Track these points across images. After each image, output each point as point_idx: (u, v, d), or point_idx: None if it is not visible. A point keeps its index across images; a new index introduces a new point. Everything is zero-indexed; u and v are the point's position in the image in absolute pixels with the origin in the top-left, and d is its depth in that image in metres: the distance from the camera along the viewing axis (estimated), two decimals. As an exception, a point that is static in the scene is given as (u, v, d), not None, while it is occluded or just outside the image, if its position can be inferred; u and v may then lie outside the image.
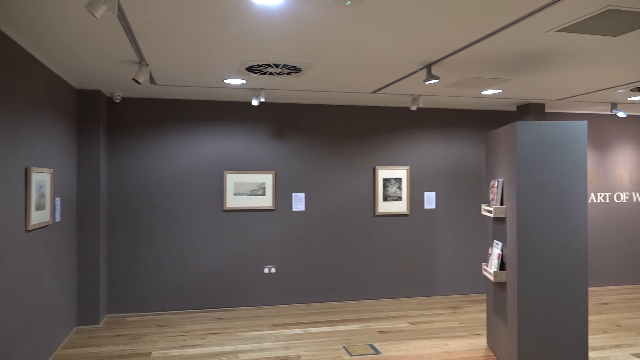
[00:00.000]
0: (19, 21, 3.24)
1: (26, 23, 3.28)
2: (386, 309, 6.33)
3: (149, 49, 3.93)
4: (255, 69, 4.60)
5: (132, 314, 6.04)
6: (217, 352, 4.78)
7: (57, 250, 4.75)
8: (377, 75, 4.91)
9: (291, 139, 6.53)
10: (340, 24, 3.29)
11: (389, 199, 6.77)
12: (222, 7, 2.98)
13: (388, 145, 6.83)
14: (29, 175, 3.89)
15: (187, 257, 6.23)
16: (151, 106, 6.14)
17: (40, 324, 4.27)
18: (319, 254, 6.60)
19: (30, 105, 3.97)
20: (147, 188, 6.12)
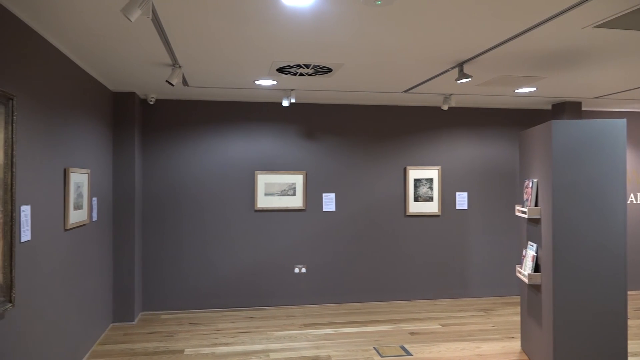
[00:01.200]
0: (58, 26, 3.34)
1: (64, 28, 3.38)
2: (417, 310, 6.27)
3: (181, 52, 4.00)
4: (285, 70, 4.63)
5: (166, 312, 6.16)
6: (248, 350, 4.82)
7: (94, 249, 4.88)
8: (408, 75, 4.87)
9: (321, 139, 6.54)
10: (371, 23, 3.28)
11: (420, 200, 6.71)
12: (254, 8, 3.01)
13: (419, 145, 6.77)
14: (68, 176, 4.00)
15: (219, 256, 6.31)
16: (184, 108, 6.24)
17: (79, 320, 4.39)
18: (349, 254, 6.59)
19: (69, 107, 4.09)
20: (179, 188, 6.22)
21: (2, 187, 2.82)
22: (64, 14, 3.10)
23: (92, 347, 4.87)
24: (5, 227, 2.86)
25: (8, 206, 2.87)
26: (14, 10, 2.99)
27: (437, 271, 6.78)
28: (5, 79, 2.91)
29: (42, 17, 3.14)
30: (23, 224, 3.15)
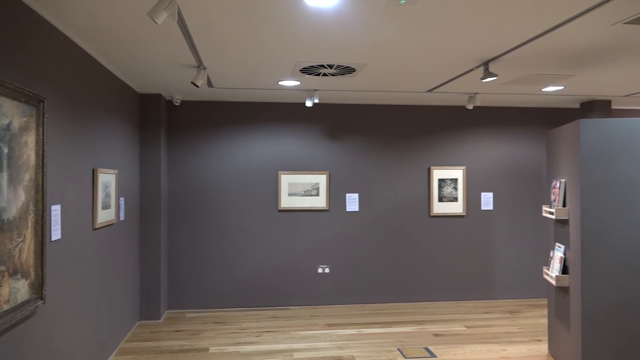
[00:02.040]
0: (87, 30, 3.41)
1: (93, 32, 3.45)
2: (441, 311, 6.22)
3: (206, 53, 4.04)
4: (309, 70, 4.64)
5: (191, 311, 6.23)
6: (272, 350, 4.85)
7: (122, 248, 4.97)
8: (432, 74, 4.83)
9: (345, 139, 6.54)
10: (394, 22, 3.27)
11: (444, 200, 6.65)
12: (277, 10, 3.02)
13: (443, 145, 6.71)
14: (96, 176, 4.09)
15: (243, 256, 6.36)
16: (208, 108, 6.31)
17: (107, 318, 4.48)
18: (372, 254, 6.57)
19: (97, 109, 4.17)
20: (204, 188, 6.29)
21: (34, 187, 2.90)
22: (93, 18, 3.17)
23: (120, 344, 4.96)
24: (37, 226, 2.93)
25: (39, 206, 2.95)
26: (45, 14, 3.07)
27: (462, 272, 6.70)
28: (36, 82, 2.98)
29: (72, 21, 3.22)
30: (53, 223, 3.23)
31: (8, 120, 2.58)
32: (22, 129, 2.74)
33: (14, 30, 2.70)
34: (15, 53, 2.72)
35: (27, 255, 2.81)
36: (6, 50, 2.61)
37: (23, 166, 2.76)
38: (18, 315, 2.67)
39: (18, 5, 2.74)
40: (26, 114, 2.79)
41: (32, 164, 2.87)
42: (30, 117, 2.84)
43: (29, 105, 2.82)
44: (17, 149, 2.69)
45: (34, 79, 2.96)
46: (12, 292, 2.63)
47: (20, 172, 2.72)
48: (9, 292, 2.61)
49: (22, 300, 2.76)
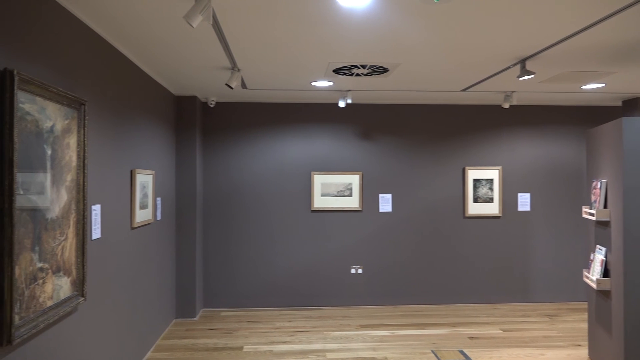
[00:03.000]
0: (126, 35, 3.50)
1: (131, 36, 3.54)
2: (476, 314, 6.12)
3: (240, 55, 4.09)
4: (342, 71, 4.64)
5: (226, 309, 6.31)
6: (305, 349, 4.87)
7: (158, 247, 5.08)
8: (467, 73, 4.76)
9: (378, 139, 6.51)
10: (429, 21, 3.23)
11: (479, 201, 6.54)
12: (310, 11, 3.04)
13: (478, 145, 6.60)
14: (134, 177, 4.19)
15: (276, 256, 6.40)
16: (242, 110, 6.39)
17: (145, 315, 4.58)
18: (406, 255, 6.52)
19: (135, 111, 4.28)
20: (238, 188, 6.37)
21: (75, 188, 2.99)
22: (131, 23, 3.25)
23: (157, 341, 5.07)
24: (78, 225, 3.03)
25: (80, 205, 3.04)
26: (85, 20, 3.16)
27: (498, 274, 6.58)
28: (77, 86, 3.08)
29: (111, 25, 3.31)
30: (94, 223, 3.32)
31: (51, 122, 2.67)
32: (65, 131, 2.84)
33: (57, 35, 2.80)
34: (58, 58, 2.82)
35: (69, 253, 2.90)
36: (49, 55, 2.71)
37: (65, 167, 2.85)
38: (61, 312, 2.76)
39: (61, 11, 2.84)
40: (68, 116, 2.88)
41: (73, 165, 2.96)
42: (72, 119, 2.94)
43: (70, 108, 2.91)
44: (60, 151, 2.78)
45: (76, 82, 3.05)
46: (55, 289, 2.73)
47: (62, 173, 2.82)
48: (52, 289, 2.70)
49: (65, 297, 2.85)
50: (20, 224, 2.36)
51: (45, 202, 2.61)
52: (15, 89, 2.26)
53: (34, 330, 2.46)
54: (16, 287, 2.31)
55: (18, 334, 2.32)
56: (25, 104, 2.39)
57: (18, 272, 2.34)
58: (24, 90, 2.38)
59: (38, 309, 2.53)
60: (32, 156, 2.47)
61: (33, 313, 2.48)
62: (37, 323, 2.50)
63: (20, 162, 2.35)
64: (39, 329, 2.56)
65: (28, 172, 2.43)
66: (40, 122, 2.55)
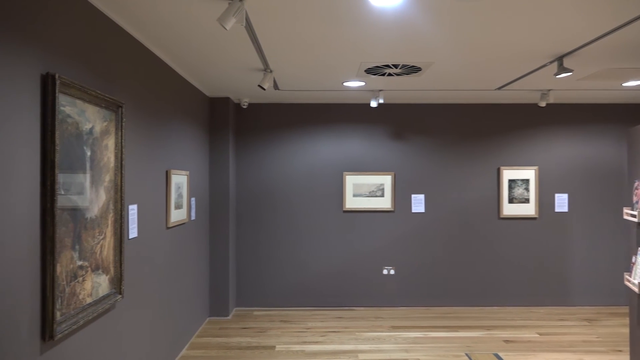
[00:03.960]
0: (161, 38, 3.57)
1: (166, 39, 3.61)
2: (511, 317, 5.99)
3: (273, 56, 4.12)
4: (374, 71, 4.62)
5: (258, 308, 6.37)
6: (337, 350, 4.86)
7: (193, 246, 5.17)
8: (502, 71, 4.67)
9: (410, 139, 6.45)
10: (462, 19, 3.19)
11: (515, 201, 6.41)
12: (342, 11, 3.04)
13: (514, 145, 6.47)
14: (169, 177, 4.27)
15: (308, 256, 6.42)
16: (274, 110, 6.43)
17: (179, 313, 4.67)
18: (439, 256, 6.44)
19: (170, 113, 4.36)
20: (270, 189, 6.42)
21: (113, 188, 3.07)
22: (167, 27, 3.32)
23: (191, 339, 5.16)
24: (116, 224, 3.10)
25: (118, 205, 3.12)
26: (123, 25, 3.24)
27: (534, 277, 6.43)
28: (115, 89, 3.16)
29: (148, 29, 3.38)
30: (131, 222, 3.40)
31: (91, 125, 2.75)
32: (103, 133, 2.92)
33: (95, 39, 2.88)
34: (96, 61, 2.90)
35: (107, 252, 2.98)
36: (88, 59, 2.79)
37: (104, 168, 2.93)
38: (99, 309, 2.84)
39: (99, 16, 2.92)
40: (106, 118, 2.96)
41: (111, 166, 3.04)
42: (110, 121, 3.02)
43: (108, 110, 2.99)
44: (99, 152, 2.86)
45: (113, 85, 3.13)
46: (94, 286, 2.81)
47: (101, 174, 2.89)
48: (92, 287, 2.78)
49: (103, 294, 2.93)
50: (62, 223, 2.43)
51: (84, 202, 2.68)
52: (57, 92, 2.34)
53: (74, 326, 2.54)
54: (57, 284, 2.39)
55: (59, 329, 2.39)
56: (66, 106, 2.47)
57: (59, 270, 2.41)
58: (65, 93, 2.46)
59: (78, 305, 2.61)
60: (72, 157, 2.54)
61: (73, 310, 2.56)
62: (77, 319, 2.58)
63: (61, 163, 2.43)
64: (79, 325, 2.63)
65: (69, 173, 2.51)
66: (80, 125, 2.62)
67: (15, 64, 2.11)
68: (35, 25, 2.25)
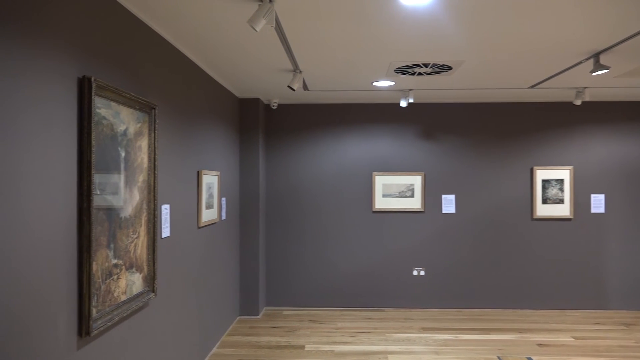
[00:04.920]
0: (192, 40, 3.63)
1: (197, 42, 3.66)
2: (545, 320, 5.86)
3: (302, 57, 4.14)
4: (404, 70, 4.59)
5: (287, 308, 6.40)
6: (367, 351, 4.85)
7: (223, 246, 5.23)
8: (535, 69, 4.58)
9: (440, 139, 6.38)
10: (494, 16, 3.14)
11: (549, 202, 6.27)
12: (372, 11, 3.03)
13: (547, 144, 6.32)
14: (200, 178, 4.33)
15: (338, 256, 6.42)
16: (304, 111, 6.45)
17: (211, 312, 4.73)
18: (470, 258, 6.35)
19: (201, 114, 4.43)
20: (300, 189, 6.44)
21: (146, 188, 3.13)
22: (197, 29, 3.37)
23: (222, 337, 5.22)
24: (149, 224, 3.17)
25: (151, 205, 3.18)
26: (154, 26, 3.31)
27: (569, 279, 6.27)
28: (148, 91, 3.22)
29: (179, 32, 3.44)
30: (163, 222, 3.47)
31: (125, 126, 2.81)
32: (137, 134, 2.98)
33: (129, 43, 2.94)
34: (130, 64, 2.96)
35: (140, 250, 3.05)
36: (123, 62, 2.85)
37: (137, 168, 3.00)
38: (133, 306, 2.90)
39: (132, 19, 2.98)
40: (140, 120, 3.02)
41: (145, 167, 3.11)
42: (144, 123, 3.08)
43: (142, 112, 3.05)
44: (133, 153, 2.92)
45: (146, 87, 3.20)
46: (128, 284, 2.87)
47: (135, 174, 2.96)
48: (126, 285, 2.84)
49: (137, 292, 3.00)
50: (97, 222, 2.50)
51: (119, 202, 2.75)
52: (93, 95, 2.40)
53: (110, 323, 2.60)
54: (93, 281, 2.45)
55: (95, 326, 2.46)
56: (101, 108, 2.53)
57: (95, 268, 2.48)
58: (100, 96, 2.52)
59: (113, 303, 2.68)
60: (107, 158, 2.61)
61: (108, 307, 2.62)
62: (112, 316, 2.64)
63: (97, 164, 2.50)
64: (114, 322, 2.70)
65: (104, 173, 2.57)
66: (114, 126, 2.69)
67: (54, 67, 2.18)
68: (72, 29, 2.32)
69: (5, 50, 1.87)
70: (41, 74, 2.09)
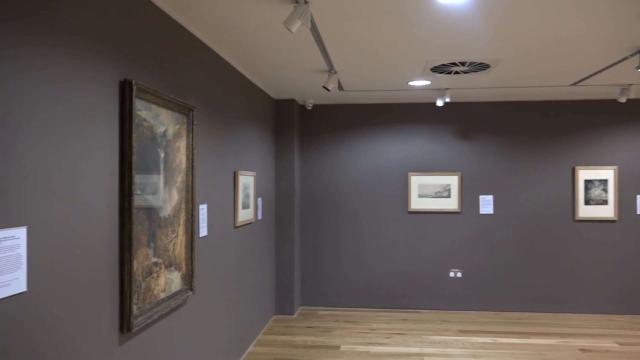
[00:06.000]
0: (228, 42, 3.68)
1: (234, 43, 3.71)
2: (588, 324, 5.68)
3: (337, 57, 4.14)
4: (440, 69, 4.53)
5: (322, 308, 6.41)
6: (402, 352, 4.81)
7: (259, 246, 5.28)
8: (577, 66, 4.44)
9: (477, 138, 6.27)
10: (533, 11, 3.06)
11: (591, 203, 6.07)
12: (407, 10, 3.00)
13: (590, 143, 6.13)
14: (237, 178, 4.39)
15: (374, 256, 6.39)
16: (339, 111, 6.45)
17: (247, 310, 4.78)
18: (508, 260, 6.22)
19: (238, 115, 4.48)
20: (335, 189, 6.44)
21: (185, 188, 3.20)
22: (234, 31, 3.41)
23: (258, 336, 5.27)
24: (187, 223, 3.23)
25: (189, 205, 3.24)
26: (192, 29, 3.37)
27: (614, 283, 6.06)
28: (186, 92, 3.29)
29: (216, 35, 3.49)
30: (201, 221, 3.53)
31: (164, 128, 2.88)
32: (175, 135, 3.04)
33: (167, 45, 3.01)
34: (170, 67, 3.03)
35: (179, 249, 3.11)
36: (161, 64, 2.92)
37: (176, 169, 3.06)
38: (172, 304, 2.96)
39: (170, 23, 3.05)
40: (178, 122, 3.09)
41: (183, 167, 3.17)
42: (182, 124, 3.14)
43: (180, 114, 3.12)
44: (171, 154, 2.99)
45: (185, 90, 3.26)
46: (167, 282, 2.93)
47: (173, 175, 3.02)
48: (165, 283, 2.90)
49: (176, 290, 3.06)
50: (138, 221, 2.56)
51: (158, 202, 2.81)
52: (134, 97, 2.46)
53: (149, 320, 2.66)
54: (134, 279, 2.51)
55: (136, 322, 2.52)
56: (141, 111, 2.60)
57: (136, 266, 2.54)
58: (141, 98, 2.58)
59: (152, 300, 2.74)
60: (147, 159, 2.67)
61: (148, 304, 2.69)
62: (152, 313, 2.70)
63: (138, 164, 2.56)
64: (154, 319, 2.76)
65: (144, 173, 2.63)
66: (154, 128, 2.75)
67: (98, 71, 2.25)
68: (114, 34, 2.39)
69: (58, 57, 1.94)
70: (87, 78, 2.16)
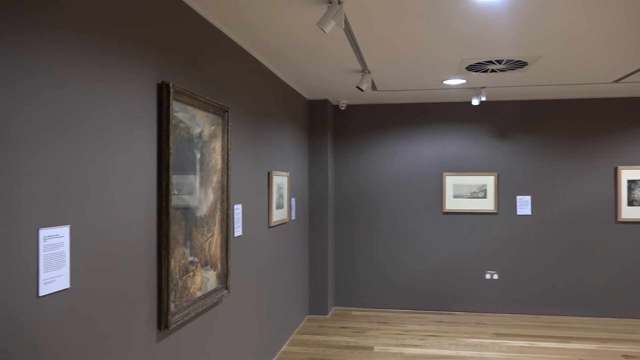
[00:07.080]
0: (262, 44, 3.72)
1: (267, 45, 3.75)
2: (631, 330, 5.49)
3: (371, 57, 4.12)
4: (475, 67, 4.46)
5: (356, 308, 6.40)
6: (437, 354, 4.75)
7: (293, 246, 5.31)
8: (619, 62, 4.30)
9: (514, 138, 6.14)
10: (572, 8, 2.98)
11: (635, 204, 5.87)
12: (442, 8, 2.97)
13: (634, 142, 5.92)
14: (271, 178, 4.42)
15: (407, 257, 6.34)
16: (372, 112, 6.43)
17: (281, 310, 4.82)
18: (547, 262, 6.06)
19: (272, 116, 4.52)
20: (369, 190, 6.42)
21: (220, 188, 3.24)
22: (268, 32, 3.44)
23: (292, 335, 5.30)
24: (223, 223, 3.28)
25: (225, 205, 3.29)
26: (226, 31, 3.42)
27: (659, 287, 5.84)
28: (222, 94, 3.34)
29: (250, 35, 3.53)
30: (236, 221, 3.57)
31: (200, 129, 2.93)
32: (211, 136, 3.09)
33: (203, 48, 3.06)
34: (205, 69, 3.08)
35: (214, 249, 3.16)
36: (197, 67, 2.97)
37: (212, 169, 3.11)
38: (208, 302, 3.01)
39: (206, 25, 3.10)
40: (214, 123, 3.13)
41: (218, 168, 3.22)
42: (217, 125, 3.19)
43: (216, 115, 3.16)
44: (207, 154, 3.04)
45: (220, 91, 3.31)
46: (203, 281, 2.98)
47: (209, 175, 3.07)
48: (201, 281, 2.95)
49: (211, 289, 3.11)
50: (175, 221, 2.61)
51: (194, 202, 2.86)
52: (171, 99, 2.52)
53: (186, 317, 2.71)
54: (172, 277, 2.57)
55: (173, 320, 2.57)
56: (178, 112, 2.65)
57: (173, 265, 2.59)
58: (178, 100, 2.64)
59: (189, 298, 2.79)
60: (184, 160, 2.73)
61: (185, 302, 2.74)
62: (188, 311, 2.75)
63: (175, 165, 2.61)
64: (190, 317, 2.81)
65: (181, 174, 2.69)
66: (191, 129, 2.80)
67: (136, 74, 2.30)
68: (152, 37, 2.44)
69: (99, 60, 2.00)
70: (127, 80, 2.21)
